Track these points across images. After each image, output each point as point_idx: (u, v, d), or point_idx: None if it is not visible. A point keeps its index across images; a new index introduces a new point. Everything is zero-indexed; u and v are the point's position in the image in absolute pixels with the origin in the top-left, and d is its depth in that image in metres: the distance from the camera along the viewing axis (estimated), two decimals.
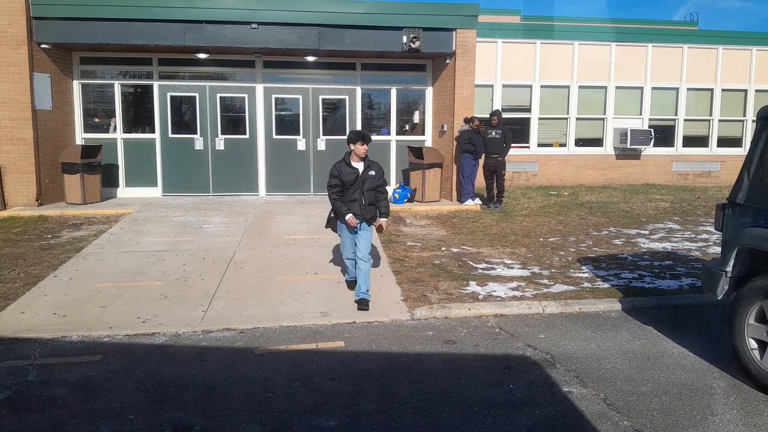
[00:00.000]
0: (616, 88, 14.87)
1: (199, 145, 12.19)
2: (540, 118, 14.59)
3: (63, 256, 7.51)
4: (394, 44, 11.24)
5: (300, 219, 9.84)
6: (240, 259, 7.48)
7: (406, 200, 11.58)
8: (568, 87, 14.63)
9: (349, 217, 5.74)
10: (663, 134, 15.23)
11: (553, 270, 7.28)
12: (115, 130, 12.02)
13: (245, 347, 5.01)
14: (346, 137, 6.02)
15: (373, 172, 5.84)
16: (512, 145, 12.01)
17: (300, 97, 12.44)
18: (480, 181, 11.65)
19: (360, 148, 5.76)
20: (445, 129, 12.14)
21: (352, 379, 4.38)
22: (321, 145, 12.53)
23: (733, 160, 15.25)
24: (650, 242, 8.87)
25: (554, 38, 14.50)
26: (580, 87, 14.68)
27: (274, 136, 12.43)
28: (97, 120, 11.98)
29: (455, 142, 11.65)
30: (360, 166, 5.83)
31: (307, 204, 11.31)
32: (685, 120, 15.35)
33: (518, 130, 14.24)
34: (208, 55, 11.79)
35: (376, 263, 7.42)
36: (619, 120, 14.95)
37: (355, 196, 5.79)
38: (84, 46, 11.14)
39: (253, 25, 10.79)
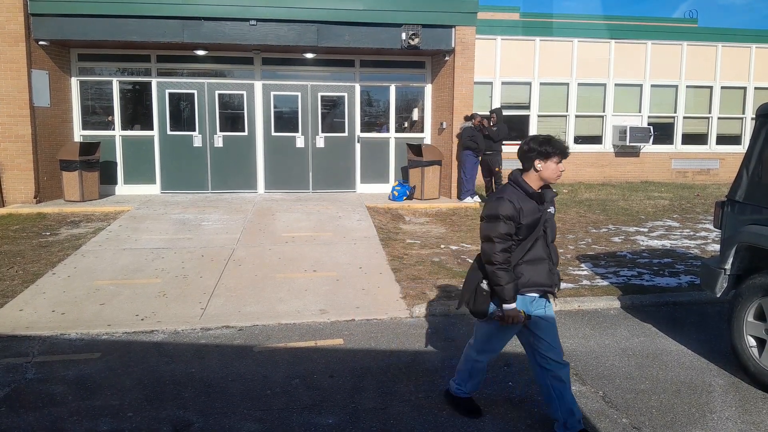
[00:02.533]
0: (615, 85, 14.86)
1: (197, 142, 12.17)
2: (539, 116, 14.58)
3: (61, 253, 7.50)
4: (393, 41, 11.21)
5: (299, 216, 9.83)
6: (239, 257, 7.47)
7: (405, 198, 11.58)
8: (567, 84, 14.63)
9: (512, 308, 3.29)
10: (662, 132, 15.23)
11: None
12: (113, 127, 12.01)
13: (244, 345, 5.00)
14: (515, 147, 3.50)
15: (553, 209, 3.50)
16: (512, 142, 11.95)
17: (299, 94, 12.42)
18: (480, 178, 11.67)
19: (555, 169, 3.37)
20: (444, 126, 12.13)
21: (351, 377, 4.38)
22: (320, 142, 12.52)
23: (732, 158, 15.26)
24: (649, 240, 8.87)
25: (553, 35, 14.49)
26: (579, 84, 14.67)
27: (273, 134, 12.41)
28: (95, 117, 11.96)
29: (455, 140, 11.65)
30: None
31: (305, 201, 11.30)
32: (684, 117, 15.35)
33: (517, 128, 14.24)
34: (207, 52, 11.76)
35: (374, 261, 7.41)
36: (618, 117, 14.94)
37: (539, 253, 3.38)
38: (82, 43, 11.11)
39: (252, 22, 10.76)
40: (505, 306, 3.30)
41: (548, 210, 3.43)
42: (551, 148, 3.31)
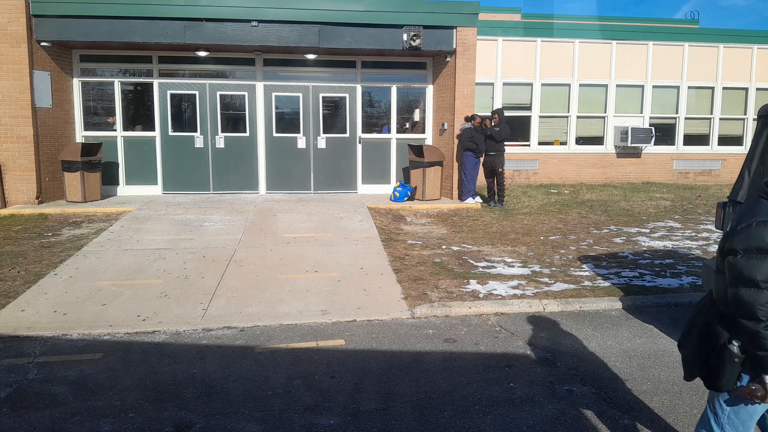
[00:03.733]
0: (617, 86, 14.85)
1: (199, 143, 12.18)
2: (540, 117, 14.58)
3: (63, 254, 7.51)
4: (395, 42, 11.22)
5: (300, 217, 9.84)
6: (240, 257, 7.48)
7: (406, 198, 11.58)
8: (568, 85, 14.62)
9: None
10: (664, 132, 15.22)
11: (553, 268, 7.28)
12: (115, 127, 12.02)
13: (245, 345, 5.01)
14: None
15: None
16: (513, 143, 12.01)
17: (300, 95, 12.42)
18: (482, 179, 11.67)
19: None
20: (446, 127, 12.13)
21: (352, 378, 4.38)
22: (321, 143, 12.52)
23: (734, 159, 15.26)
24: (651, 241, 8.86)
25: (555, 36, 14.49)
26: (580, 85, 14.66)
27: (275, 134, 12.42)
28: (97, 118, 11.98)
29: (456, 141, 11.65)
30: None
31: (307, 202, 11.31)
32: (685, 118, 15.34)
33: (519, 128, 14.25)
34: (208, 53, 11.77)
35: (376, 262, 7.41)
36: (620, 118, 14.94)
37: None
38: (84, 44, 11.13)
39: (254, 23, 10.78)
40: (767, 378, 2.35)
41: None
42: None
